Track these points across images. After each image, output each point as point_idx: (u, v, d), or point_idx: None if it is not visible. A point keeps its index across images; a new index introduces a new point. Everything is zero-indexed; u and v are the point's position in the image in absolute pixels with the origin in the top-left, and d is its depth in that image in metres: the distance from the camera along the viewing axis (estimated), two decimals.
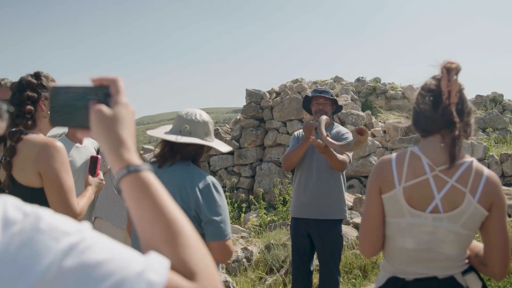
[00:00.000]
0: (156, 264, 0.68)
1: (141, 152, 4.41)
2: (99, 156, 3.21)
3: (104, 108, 0.87)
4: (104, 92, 0.90)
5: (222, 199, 2.21)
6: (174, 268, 0.73)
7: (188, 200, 2.13)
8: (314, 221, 3.84)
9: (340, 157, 3.68)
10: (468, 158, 1.84)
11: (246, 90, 12.27)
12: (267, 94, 12.08)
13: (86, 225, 0.69)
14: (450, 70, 1.81)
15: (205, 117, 2.37)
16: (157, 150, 2.39)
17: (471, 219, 1.78)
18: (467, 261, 1.89)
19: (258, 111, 11.89)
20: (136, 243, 2.16)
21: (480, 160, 8.06)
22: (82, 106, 0.91)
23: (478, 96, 12.39)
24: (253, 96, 12.06)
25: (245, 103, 12.25)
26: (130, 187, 0.83)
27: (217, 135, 11.49)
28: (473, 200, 1.77)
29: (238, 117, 12.61)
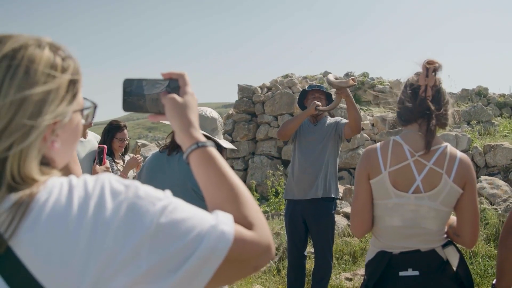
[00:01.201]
0: (224, 219, 0.85)
1: (139, 144, 4.63)
2: (105, 146, 3.44)
3: (177, 97, 1.04)
4: (174, 84, 1.07)
5: None
6: (237, 221, 0.88)
7: (196, 182, 2.35)
8: (310, 202, 4.03)
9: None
10: (442, 143, 2.05)
11: (238, 85, 12.42)
12: (259, 89, 12.25)
13: (169, 192, 0.86)
14: (428, 67, 2.01)
15: (214, 114, 2.56)
16: (168, 140, 2.64)
17: (449, 197, 1.99)
18: (446, 235, 2.09)
19: (250, 105, 12.08)
20: None
21: (464, 151, 8.34)
22: (154, 95, 1.07)
23: (463, 90, 12.64)
24: (245, 91, 12.24)
25: (237, 98, 12.40)
26: (199, 159, 0.99)
27: None
28: (449, 179, 1.98)
29: (230, 112, 12.77)
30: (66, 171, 2.31)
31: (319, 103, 4.07)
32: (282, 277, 5.02)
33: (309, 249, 5.03)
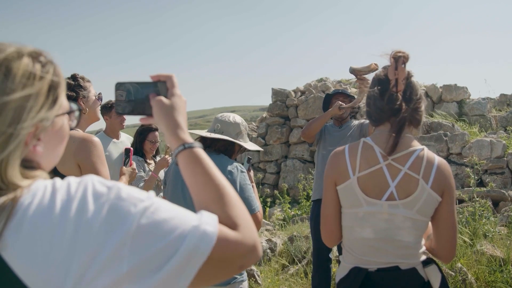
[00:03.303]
0: (208, 219, 0.87)
1: (168, 146, 4.75)
2: (132, 148, 3.56)
3: (163, 99, 1.07)
4: (162, 86, 1.09)
5: (246, 179, 2.50)
6: (221, 221, 0.90)
7: None
8: None
9: None
10: (418, 146, 1.86)
11: (272, 89, 12.47)
12: (292, 93, 12.27)
13: (152, 193, 0.87)
14: (397, 59, 1.82)
15: (238, 119, 2.71)
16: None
17: (426, 205, 1.79)
18: (424, 248, 1.91)
19: (284, 109, 12.10)
20: None
21: (499, 157, 8.17)
22: (143, 97, 1.10)
23: (502, 95, 12.35)
24: (279, 95, 12.28)
25: (270, 102, 12.45)
26: (186, 159, 1.02)
27: None
28: (426, 186, 1.78)
29: (264, 115, 12.83)
30: (94, 172, 2.42)
31: (342, 103, 4.11)
32: (309, 280, 5.04)
33: (336, 252, 5.05)
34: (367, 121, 4.23)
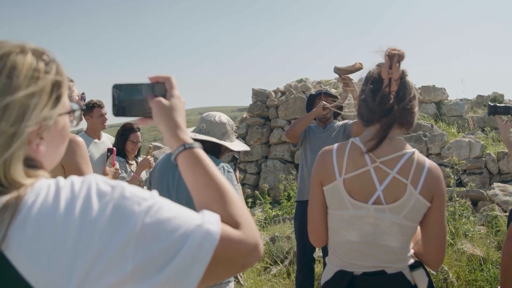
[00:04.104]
0: (210, 218, 0.87)
1: (150, 146, 4.71)
2: (115, 148, 3.52)
3: (163, 100, 1.07)
4: (161, 87, 1.09)
5: (233, 179, 2.46)
6: (223, 221, 0.90)
7: None
8: None
9: None
10: (409, 149, 1.79)
11: (252, 89, 12.47)
12: (273, 93, 12.28)
13: (155, 192, 0.87)
14: (392, 57, 1.74)
15: (224, 119, 2.64)
16: None
17: (414, 210, 1.73)
18: (412, 252, 1.86)
19: (264, 109, 12.11)
20: None
21: (478, 157, 8.30)
22: (142, 99, 1.09)
23: (479, 96, 12.55)
24: (259, 95, 12.29)
25: (251, 102, 12.45)
26: (187, 160, 1.02)
27: None
28: (414, 191, 1.72)
29: (244, 116, 12.82)
30: (78, 172, 2.38)
31: (326, 103, 4.13)
32: (292, 281, 5.03)
33: (319, 253, 5.06)
34: (351, 122, 4.25)
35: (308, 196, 4.11)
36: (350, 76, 3.74)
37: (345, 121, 4.34)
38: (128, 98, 1.10)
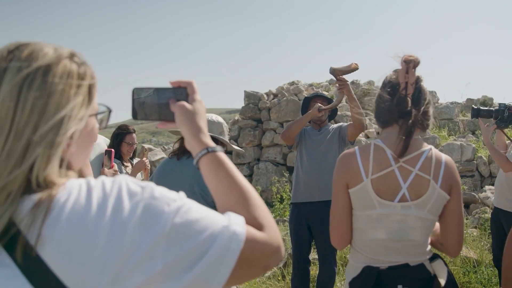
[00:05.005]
0: (236, 220, 0.89)
1: (145, 148, 4.68)
2: (113, 150, 3.50)
3: (186, 104, 1.08)
4: (183, 92, 1.11)
5: None
6: (248, 223, 0.92)
7: (205, 187, 2.44)
8: (315, 204, 4.05)
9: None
10: (426, 147, 1.92)
11: (245, 91, 12.45)
12: (265, 95, 12.28)
13: (183, 194, 0.89)
14: (408, 63, 1.85)
15: (220, 119, 2.69)
16: (177, 145, 2.73)
17: (436, 204, 1.85)
18: (430, 246, 1.97)
19: (256, 112, 12.10)
20: None
21: (469, 160, 8.37)
22: (163, 103, 1.11)
23: (468, 99, 12.66)
24: (251, 98, 12.28)
25: (243, 104, 12.44)
26: (210, 163, 1.03)
27: None
28: (436, 186, 1.84)
29: (236, 118, 12.80)
30: (78, 174, 2.36)
31: (321, 105, 4.15)
32: (287, 283, 5.03)
33: (314, 255, 5.06)
34: (345, 124, 4.27)
35: (302, 198, 4.13)
36: (345, 77, 3.76)
37: (340, 124, 4.36)
38: (149, 102, 1.12)
